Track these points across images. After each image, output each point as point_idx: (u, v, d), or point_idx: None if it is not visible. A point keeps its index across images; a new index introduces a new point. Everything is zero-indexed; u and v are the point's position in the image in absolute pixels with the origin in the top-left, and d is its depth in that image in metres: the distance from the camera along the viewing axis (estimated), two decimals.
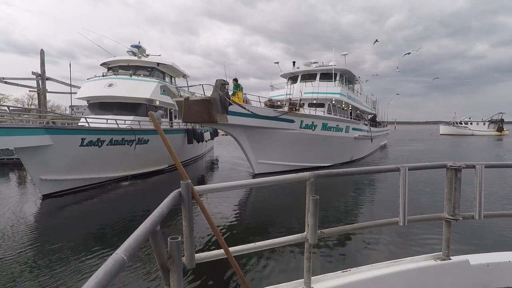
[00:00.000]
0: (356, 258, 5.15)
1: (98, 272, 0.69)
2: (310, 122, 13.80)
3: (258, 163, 12.86)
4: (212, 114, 10.50)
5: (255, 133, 12.27)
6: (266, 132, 12.45)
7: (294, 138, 13.39)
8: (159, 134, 1.58)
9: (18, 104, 39.01)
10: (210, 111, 10.47)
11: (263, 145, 12.71)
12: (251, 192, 10.11)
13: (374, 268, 2.13)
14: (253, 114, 11.46)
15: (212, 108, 10.42)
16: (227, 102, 10.59)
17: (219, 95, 10.26)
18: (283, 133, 12.93)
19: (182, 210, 1.43)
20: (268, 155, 13.00)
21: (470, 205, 2.39)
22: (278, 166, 13.40)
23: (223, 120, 10.80)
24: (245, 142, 12.43)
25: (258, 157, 12.85)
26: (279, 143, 13.04)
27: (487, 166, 2.26)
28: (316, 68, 18.45)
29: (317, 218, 1.81)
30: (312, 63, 19.16)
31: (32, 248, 5.74)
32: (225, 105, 10.55)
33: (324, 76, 17.93)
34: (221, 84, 10.34)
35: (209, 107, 10.41)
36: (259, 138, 12.47)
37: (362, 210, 8.46)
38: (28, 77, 19.81)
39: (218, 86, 10.28)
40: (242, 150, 12.94)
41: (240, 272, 1.79)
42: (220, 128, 12.44)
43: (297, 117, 13.17)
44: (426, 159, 19.69)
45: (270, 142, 12.79)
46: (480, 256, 2.35)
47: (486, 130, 58.36)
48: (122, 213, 8.15)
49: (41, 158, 9.25)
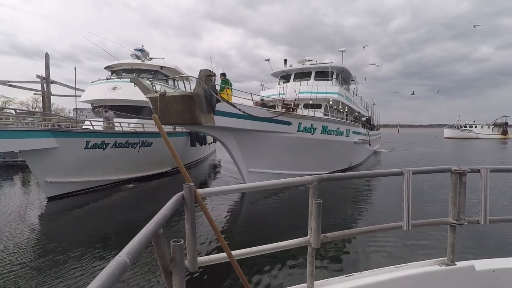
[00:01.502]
0: (360, 263, 5.11)
1: (101, 274, 0.69)
2: (309, 125, 12.20)
3: (249, 172, 11.09)
4: (195, 113, 8.55)
5: (246, 137, 10.51)
6: (259, 136, 10.75)
7: (290, 143, 11.73)
8: (162, 137, 1.58)
9: (23, 107, 39.44)
10: (192, 110, 8.52)
11: (256, 152, 10.99)
12: (254, 195, 10.09)
13: (378, 273, 2.11)
14: (246, 115, 9.66)
15: (194, 106, 8.46)
16: (214, 98, 8.63)
17: (203, 90, 8.31)
18: (279, 137, 11.25)
19: (185, 213, 1.43)
20: (261, 163, 11.17)
21: (475, 210, 2.36)
22: (272, 176, 11.15)
23: (209, 121, 8.84)
24: (235, 148, 10.65)
25: (250, 165, 11.03)
26: (274, 149, 11.36)
27: (492, 171, 2.24)
28: (311, 66, 16.82)
29: (320, 222, 1.80)
30: (307, 61, 17.46)
31: (37, 249, 5.77)
32: (211, 102, 8.61)
33: (319, 74, 16.48)
34: (206, 75, 8.29)
35: (191, 105, 8.45)
36: (251, 143, 10.72)
37: (365, 214, 8.40)
38: (33, 80, 20.04)
39: (203, 78, 8.28)
40: (231, 158, 11.17)
41: (242, 276, 1.78)
42: (205, 131, 10.51)
43: (294, 118, 11.56)
44: (432, 163, 19.55)
45: (264, 148, 11.10)
46: (486, 262, 2.32)
47: (491, 133, 57.88)
48: (125, 215, 8.17)
49: (46, 160, 9.32)
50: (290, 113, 11.33)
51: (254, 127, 10.27)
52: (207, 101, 8.49)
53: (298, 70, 17.09)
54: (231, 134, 10.26)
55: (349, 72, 18.13)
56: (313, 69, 16.72)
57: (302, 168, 12.34)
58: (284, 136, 11.41)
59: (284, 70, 17.67)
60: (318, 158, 13.34)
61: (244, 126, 9.97)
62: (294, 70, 17.26)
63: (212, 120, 8.89)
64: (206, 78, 8.31)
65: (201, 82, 8.28)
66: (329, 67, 16.17)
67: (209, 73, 8.40)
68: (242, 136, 10.45)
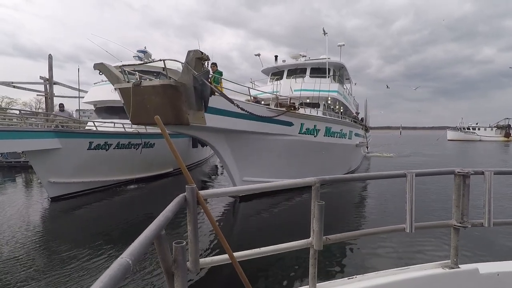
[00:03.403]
0: (362, 265, 5.08)
1: (104, 276, 0.69)
2: (312, 126, 10.66)
3: (243, 182, 9.47)
4: (180, 110, 6.59)
5: (241, 140, 8.91)
6: (256, 139, 9.14)
7: (290, 147, 10.17)
8: (165, 139, 1.59)
9: (26, 107, 39.75)
10: (176, 105, 6.57)
11: (251, 157, 9.44)
12: (255, 197, 10.06)
13: (381, 276, 2.09)
14: (246, 114, 8.07)
15: (180, 100, 6.51)
16: (208, 89, 6.68)
17: (193, 78, 6.31)
18: (278, 140, 9.66)
19: (187, 214, 1.43)
20: (257, 171, 9.51)
21: (479, 212, 2.35)
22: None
23: (198, 120, 6.92)
24: (227, 153, 9.01)
25: (244, 173, 9.45)
26: (272, 154, 9.82)
27: (496, 173, 2.22)
28: (306, 62, 15.22)
29: (322, 224, 1.79)
30: (302, 56, 15.94)
31: (39, 250, 5.79)
32: (203, 94, 6.62)
33: (315, 71, 14.92)
34: (196, 58, 6.31)
35: (176, 98, 6.52)
36: (245, 147, 9.15)
37: (368, 216, 8.36)
38: (36, 82, 20.19)
39: (192, 61, 6.30)
40: (223, 164, 9.63)
41: (244, 277, 1.78)
42: (192, 133, 8.26)
43: (297, 118, 10.02)
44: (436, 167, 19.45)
45: (260, 153, 9.54)
46: (490, 265, 2.30)
47: (494, 135, 57.63)
48: (127, 216, 8.19)
49: (50, 161, 9.38)
50: (292, 112, 9.73)
51: (251, 128, 8.71)
52: (197, 93, 6.52)
53: (292, 67, 15.63)
54: (222, 137, 8.64)
55: (346, 70, 16.68)
56: (309, 65, 15.19)
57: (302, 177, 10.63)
58: (284, 139, 9.87)
59: (276, 66, 16.03)
60: (319, 164, 11.76)
61: (240, 127, 8.41)
62: (287, 66, 15.72)
63: (202, 119, 6.99)
64: (196, 62, 6.33)
65: (189, 68, 6.25)
66: (326, 63, 14.57)
67: (201, 56, 6.35)
68: (236, 139, 8.85)
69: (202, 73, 6.35)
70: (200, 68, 6.41)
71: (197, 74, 6.28)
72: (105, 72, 7.61)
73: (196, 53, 6.33)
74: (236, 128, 8.36)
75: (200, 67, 6.42)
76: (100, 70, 7.63)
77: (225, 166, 9.50)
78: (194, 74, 6.27)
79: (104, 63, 7.79)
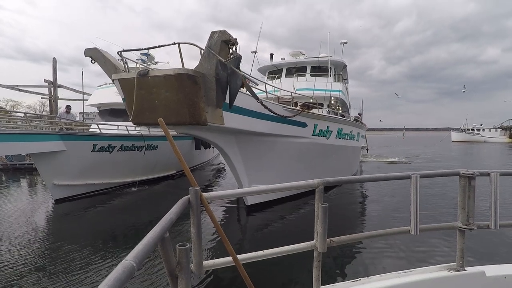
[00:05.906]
0: (367, 268, 5.04)
1: (108, 278, 0.69)
2: (325, 127, 9.92)
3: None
4: (198, 107, 5.41)
5: (253, 143, 8.08)
6: (269, 142, 8.34)
7: (302, 151, 9.41)
8: (168, 141, 1.59)
9: (30, 110, 40.09)
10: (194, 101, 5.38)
11: (261, 162, 8.56)
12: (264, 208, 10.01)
13: (385, 278, 2.08)
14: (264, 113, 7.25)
15: (198, 95, 5.33)
16: (240, 80, 5.47)
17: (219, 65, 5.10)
18: (291, 142, 8.89)
19: (190, 217, 1.43)
20: (267, 177, 8.50)
21: (485, 214, 2.32)
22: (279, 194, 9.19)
23: (216, 119, 5.85)
24: (237, 157, 8.08)
25: (253, 180, 8.45)
26: (283, 158, 9.02)
27: (502, 174, 2.20)
28: (306, 60, 14.52)
29: (326, 226, 1.79)
30: (302, 54, 15.34)
31: (43, 252, 5.80)
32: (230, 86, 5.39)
33: (315, 70, 14.26)
34: (222, 41, 5.11)
35: (193, 93, 5.32)
36: (257, 151, 8.29)
37: (372, 218, 8.30)
38: (41, 85, 20.38)
39: (217, 45, 5.12)
40: (231, 169, 8.72)
41: (248, 280, 1.77)
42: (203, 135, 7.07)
43: (311, 119, 9.24)
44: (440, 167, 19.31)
45: (271, 158, 8.70)
46: (497, 268, 2.27)
47: (498, 137, 57.18)
48: (131, 218, 8.20)
49: (54, 163, 9.44)
50: (307, 112, 8.96)
51: (266, 129, 7.82)
52: (219, 86, 5.29)
53: (291, 65, 14.77)
54: (233, 139, 7.74)
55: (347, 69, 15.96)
56: (309, 63, 14.46)
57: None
58: (297, 142, 9.07)
59: (274, 65, 15.12)
60: (329, 169, 11.11)
61: (256, 128, 7.46)
62: (286, 64, 14.88)
63: (220, 119, 5.93)
64: (221, 45, 5.13)
65: (213, 53, 5.02)
66: (328, 62, 13.77)
67: (228, 38, 5.13)
68: (248, 142, 8.00)
69: (232, 59, 5.11)
70: (226, 54, 5.24)
71: (226, 60, 5.06)
72: (99, 60, 6.60)
73: (223, 35, 5.07)
74: (252, 129, 7.38)
75: (226, 53, 5.27)
76: (92, 58, 6.66)
77: (233, 171, 8.60)
78: (221, 60, 5.02)
79: (97, 48, 6.70)
